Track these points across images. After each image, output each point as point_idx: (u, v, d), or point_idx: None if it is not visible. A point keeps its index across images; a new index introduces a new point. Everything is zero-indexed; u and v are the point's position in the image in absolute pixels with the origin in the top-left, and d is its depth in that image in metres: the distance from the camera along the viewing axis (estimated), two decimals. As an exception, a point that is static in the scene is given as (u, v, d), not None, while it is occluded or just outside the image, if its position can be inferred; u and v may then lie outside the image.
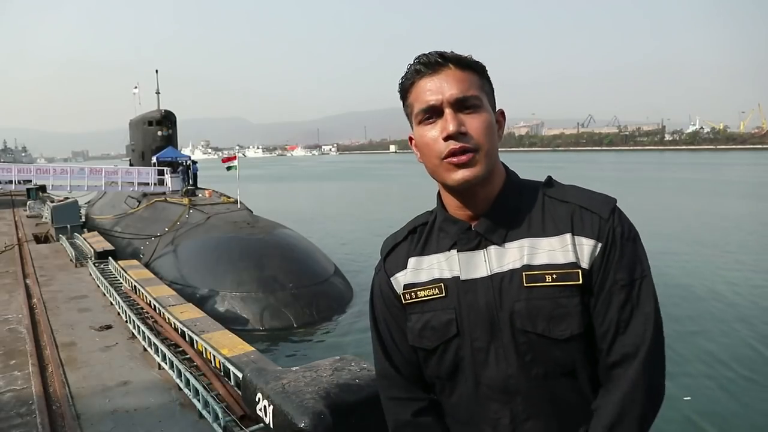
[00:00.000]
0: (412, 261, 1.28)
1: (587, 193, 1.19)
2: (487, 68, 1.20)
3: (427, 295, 1.23)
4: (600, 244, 1.12)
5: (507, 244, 1.16)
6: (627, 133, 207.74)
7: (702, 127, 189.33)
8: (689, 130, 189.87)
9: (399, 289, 1.29)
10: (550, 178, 1.26)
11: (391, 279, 1.31)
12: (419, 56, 1.16)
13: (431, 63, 1.14)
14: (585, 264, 1.12)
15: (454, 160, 1.12)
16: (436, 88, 1.13)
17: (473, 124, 1.12)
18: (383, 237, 1.41)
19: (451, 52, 1.16)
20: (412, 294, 1.25)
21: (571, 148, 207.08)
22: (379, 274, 1.37)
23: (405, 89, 1.19)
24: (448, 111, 1.12)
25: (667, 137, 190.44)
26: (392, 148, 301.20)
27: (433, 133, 1.14)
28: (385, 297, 1.34)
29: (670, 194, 35.53)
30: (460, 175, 1.12)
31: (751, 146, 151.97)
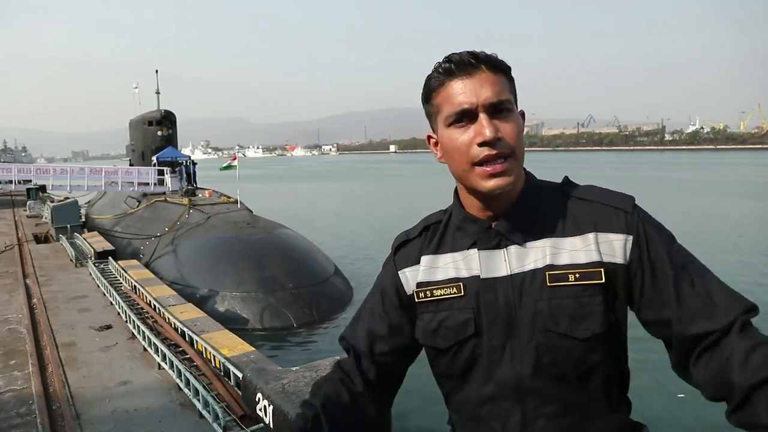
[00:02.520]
0: (426, 259, 1.26)
1: (606, 191, 1.19)
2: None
3: (444, 294, 1.21)
4: (631, 237, 1.11)
5: (528, 244, 1.15)
6: (627, 133, 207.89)
7: (702, 127, 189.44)
8: (689, 130, 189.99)
9: (407, 285, 1.28)
10: (567, 178, 1.25)
11: (399, 272, 1.30)
12: (450, 55, 1.13)
13: (464, 63, 1.10)
14: (619, 259, 1.11)
15: (489, 169, 1.09)
16: (470, 91, 1.09)
17: (507, 129, 1.10)
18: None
19: (482, 52, 1.12)
20: (427, 292, 1.23)
21: (571, 148, 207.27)
22: (386, 267, 1.36)
23: (432, 89, 1.16)
24: (483, 116, 1.09)
25: (667, 137, 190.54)
26: (392, 148, 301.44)
27: (466, 137, 1.11)
28: (387, 289, 1.33)
29: (670, 194, 35.55)
30: (494, 183, 1.10)
31: (751, 146, 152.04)
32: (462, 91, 1.10)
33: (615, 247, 1.11)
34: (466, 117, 1.11)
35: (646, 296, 1.11)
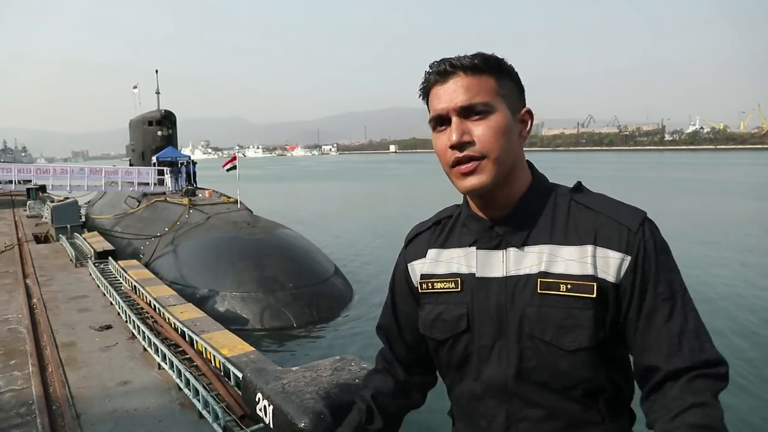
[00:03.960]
0: (432, 252, 1.31)
1: (615, 204, 1.16)
2: (512, 66, 1.18)
3: (443, 288, 1.25)
4: (629, 258, 1.09)
5: (527, 248, 1.16)
6: (627, 133, 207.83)
7: (702, 127, 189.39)
8: (689, 130, 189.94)
9: (415, 277, 1.34)
10: (579, 183, 1.24)
11: (408, 266, 1.37)
12: (432, 63, 1.17)
13: (440, 71, 1.15)
14: (611, 278, 1.09)
15: (461, 168, 1.13)
16: (444, 96, 1.13)
17: (479, 131, 1.11)
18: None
19: (468, 56, 1.13)
20: (429, 284, 1.28)
21: (571, 148, 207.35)
22: (399, 258, 1.43)
23: (424, 95, 1.21)
24: (454, 119, 1.13)
25: (667, 137, 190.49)
26: (392, 148, 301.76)
27: (443, 140, 1.15)
28: (398, 279, 1.42)
29: (670, 194, 35.57)
30: (467, 183, 1.13)
31: (751, 146, 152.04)
32: (438, 97, 1.15)
33: (610, 264, 1.10)
34: (444, 122, 1.15)
35: (629, 318, 1.11)
